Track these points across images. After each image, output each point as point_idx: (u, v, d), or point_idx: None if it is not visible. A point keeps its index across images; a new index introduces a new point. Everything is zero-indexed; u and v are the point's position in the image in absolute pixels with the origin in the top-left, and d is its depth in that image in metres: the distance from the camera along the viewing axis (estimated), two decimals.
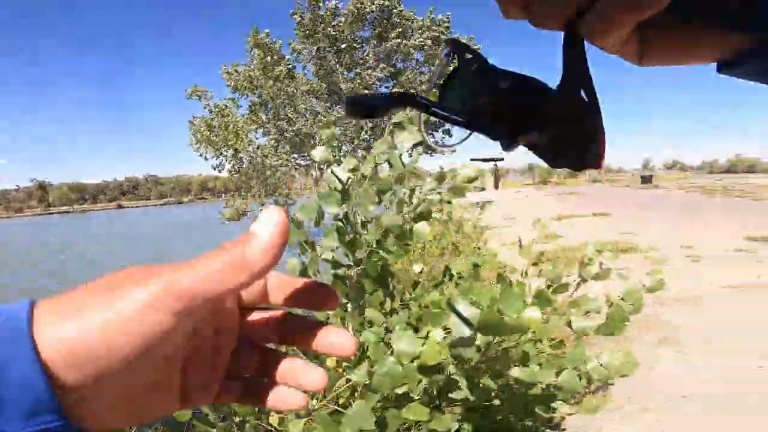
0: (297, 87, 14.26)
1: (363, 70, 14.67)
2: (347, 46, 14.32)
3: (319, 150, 1.45)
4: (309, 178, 13.87)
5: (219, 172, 13.21)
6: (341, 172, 1.38)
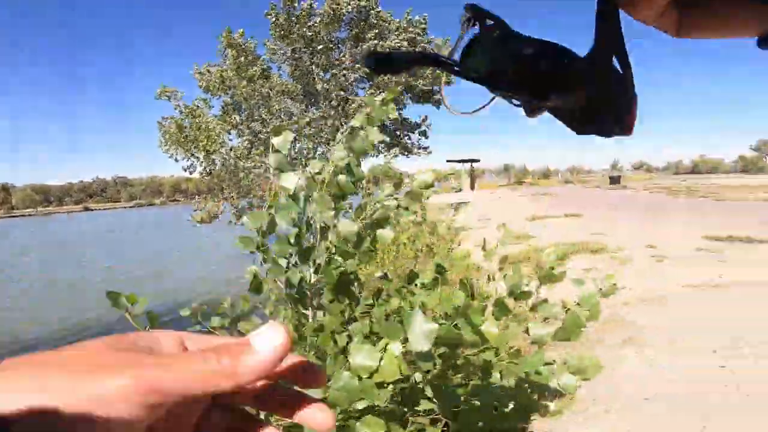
0: (272, 87, 14.06)
1: (339, 71, 14.58)
2: (323, 47, 14.21)
3: (274, 156, 1.39)
4: None
5: (190, 173, 12.85)
6: (291, 179, 1.32)
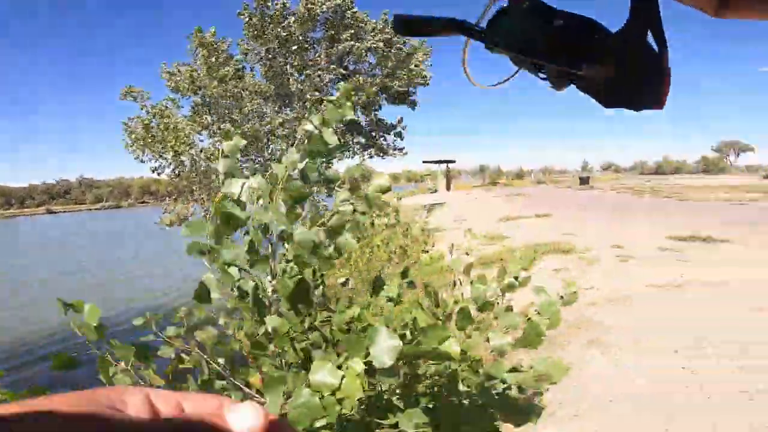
0: (244, 88, 13.79)
1: (313, 71, 14.42)
2: (298, 47, 14.02)
3: (223, 161, 1.33)
4: None
5: (158, 175, 12.44)
6: (236, 185, 1.27)
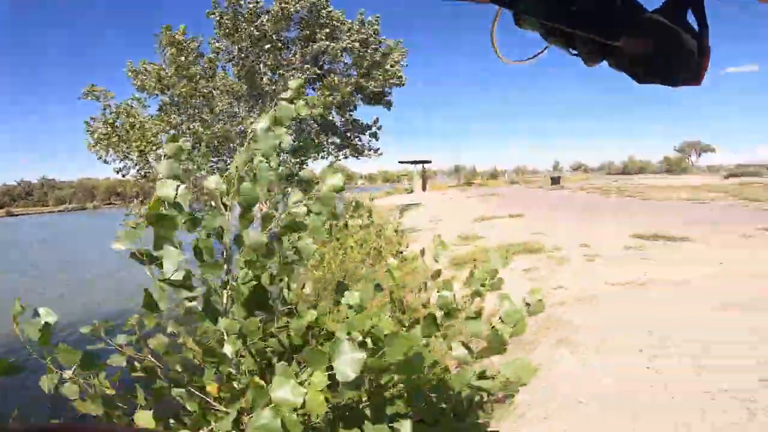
0: (215, 87, 13.45)
1: (287, 71, 14.20)
2: (271, 46, 13.77)
3: (165, 164, 1.26)
4: None
5: (123, 176, 11.99)
6: (170, 188, 1.21)
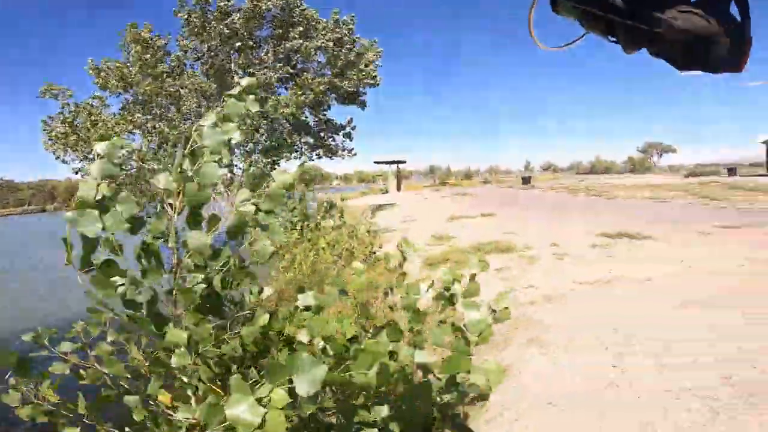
0: (183, 86, 13.05)
1: (258, 70, 13.92)
2: (242, 44, 13.47)
3: (98, 164, 1.19)
4: None
5: (82, 176, 11.47)
6: (90, 188, 1.14)
